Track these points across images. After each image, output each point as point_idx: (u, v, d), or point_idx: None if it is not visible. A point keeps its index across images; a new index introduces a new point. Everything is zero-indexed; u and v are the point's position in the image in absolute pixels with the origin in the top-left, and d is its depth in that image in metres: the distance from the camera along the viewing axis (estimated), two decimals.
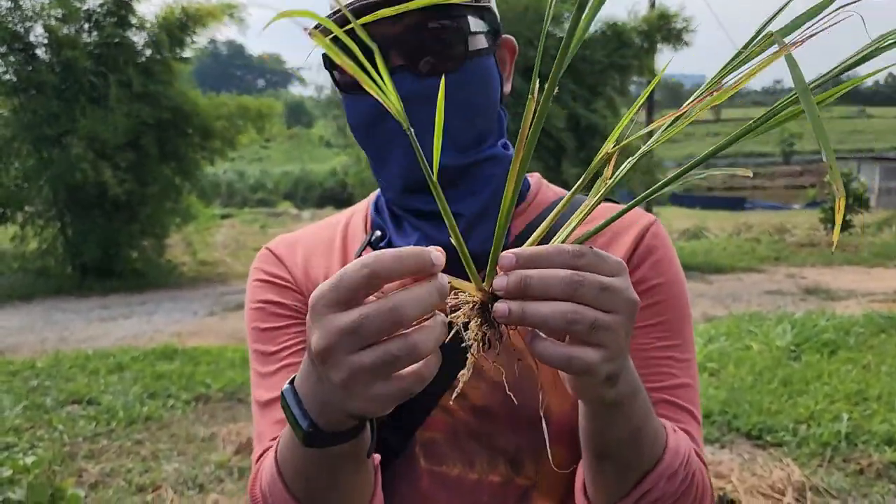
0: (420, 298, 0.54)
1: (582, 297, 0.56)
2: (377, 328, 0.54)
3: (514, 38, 0.99)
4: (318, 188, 38.95)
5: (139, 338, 8.08)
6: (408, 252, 0.55)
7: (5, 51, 11.85)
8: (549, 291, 0.56)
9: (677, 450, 0.77)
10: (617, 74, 13.44)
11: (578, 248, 0.58)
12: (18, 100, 11.93)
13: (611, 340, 0.58)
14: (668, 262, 0.94)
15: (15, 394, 5.50)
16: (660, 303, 0.92)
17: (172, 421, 4.96)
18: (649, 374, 0.89)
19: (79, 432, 4.70)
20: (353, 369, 0.55)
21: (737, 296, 10.06)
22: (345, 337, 0.54)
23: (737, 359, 5.90)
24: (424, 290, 0.55)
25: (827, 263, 13.28)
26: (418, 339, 0.55)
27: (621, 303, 0.58)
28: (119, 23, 12.24)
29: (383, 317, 0.54)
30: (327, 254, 1.01)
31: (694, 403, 0.91)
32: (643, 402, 0.71)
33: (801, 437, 4.27)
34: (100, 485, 3.91)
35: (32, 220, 12.65)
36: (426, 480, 0.93)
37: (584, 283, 0.56)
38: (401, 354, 0.54)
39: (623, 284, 0.59)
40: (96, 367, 6.27)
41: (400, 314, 0.54)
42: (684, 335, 0.93)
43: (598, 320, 0.57)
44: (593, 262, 0.58)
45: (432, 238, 0.90)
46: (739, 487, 3.58)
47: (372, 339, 0.54)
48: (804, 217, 21.90)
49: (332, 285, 0.55)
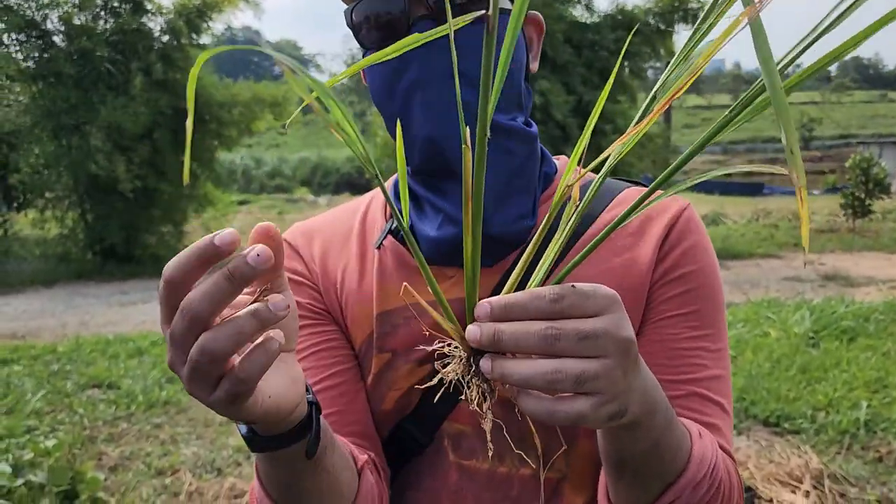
0: (206, 292, 0.51)
1: (562, 351, 0.54)
2: (179, 336, 0.52)
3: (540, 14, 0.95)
4: (334, 174, 39.03)
5: (158, 323, 8.14)
6: (189, 248, 0.52)
7: (23, 38, 11.93)
8: (524, 348, 0.54)
9: (702, 458, 0.74)
10: (627, 58, 13.28)
11: (557, 291, 0.55)
12: (37, 87, 12.02)
13: (603, 386, 0.55)
14: (700, 250, 0.90)
15: (36, 378, 5.58)
16: (691, 291, 0.88)
17: (191, 405, 5.01)
18: (678, 365, 0.86)
19: (99, 416, 4.77)
20: (186, 381, 0.54)
21: (755, 282, 9.98)
22: (171, 352, 0.54)
23: (755, 345, 5.86)
24: (210, 283, 0.51)
25: (846, 250, 13.13)
26: (205, 340, 0.52)
27: (609, 346, 0.55)
28: (135, 9, 12.28)
29: (178, 323, 0.52)
30: (345, 245, 0.98)
31: (725, 395, 0.88)
32: (663, 417, 0.68)
33: (819, 424, 4.25)
34: (119, 468, 3.97)
35: (53, 205, 12.78)
36: (455, 474, 0.91)
37: (561, 335, 0.54)
38: (198, 359, 0.52)
39: (611, 324, 0.55)
40: (116, 352, 6.35)
41: (192, 316, 0.51)
42: (716, 324, 0.89)
43: (584, 373, 0.54)
44: (575, 304, 0.55)
45: (454, 218, 0.86)
46: (756, 475, 3.56)
47: (186, 348, 0.53)
48: (823, 202, 21.65)
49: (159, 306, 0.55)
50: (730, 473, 0.79)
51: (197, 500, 3.55)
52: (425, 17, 0.82)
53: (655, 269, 0.88)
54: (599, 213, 0.91)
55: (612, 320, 0.56)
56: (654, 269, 0.89)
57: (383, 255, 0.94)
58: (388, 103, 0.89)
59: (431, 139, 0.85)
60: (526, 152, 0.89)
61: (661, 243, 0.89)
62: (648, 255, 0.89)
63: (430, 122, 0.84)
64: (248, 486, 3.62)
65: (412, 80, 0.84)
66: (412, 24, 0.83)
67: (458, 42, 0.77)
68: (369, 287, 0.93)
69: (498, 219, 0.86)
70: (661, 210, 0.92)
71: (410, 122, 0.86)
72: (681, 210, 0.92)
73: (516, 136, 0.88)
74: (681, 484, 0.73)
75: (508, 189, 0.87)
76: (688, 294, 0.88)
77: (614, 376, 0.55)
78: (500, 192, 0.86)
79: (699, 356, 0.87)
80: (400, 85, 0.85)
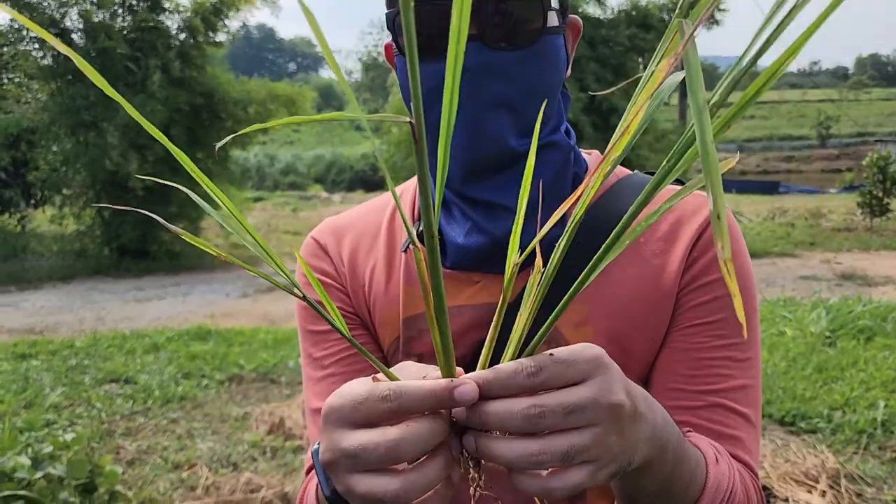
0: (422, 439, 0.53)
1: (548, 427, 0.52)
2: (376, 459, 0.53)
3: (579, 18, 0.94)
4: (348, 171, 39.09)
5: (173, 318, 8.21)
6: (434, 391, 0.53)
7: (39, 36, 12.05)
8: (511, 428, 0.53)
9: (718, 487, 0.73)
10: (641, 55, 13.20)
11: (535, 364, 0.53)
12: (56, 85, 12.13)
13: (597, 454, 0.54)
14: (734, 253, 0.87)
15: (55, 372, 5.64)
16: (719, 298, 0.85)
17: (206, 400, 5.05)
18: (703, 375, 0.84)
19: (116, 410, 4.81)
20: (350, 489, 0.55)
21: (771, 281, 9.91)
22: (345, 459, 0.54)
23: (770, 345, 5.83)
24: (427, 431, 0.53)
25: (864, 248, 13.01)
26: (408, 483, 0.53)
27: (599, 415, 0.53)
28: (152, 7, 12.36)
29: (381, 451, 0.53)
30: (373, 245, 0.97)
31: (752, 406, 0.85)
32: (673, 454, 0.66)
33: (835, 423, 4.22)
34: (136, 462, 4.01)
35: (70, 202, 12.90)
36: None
37: (546, 413, 0.52)
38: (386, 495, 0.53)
39: (598, 392, 0.53)
40: (133, 347, 6.41)
41: (398, 451, 0.53)
42: (746, 332, 0.86)
43: (572, 448, 0.52)
44: (555, 375, 0.53)
45: (483, 228, 0.86)
46: (772, 474, 3.55)
47: (371, 467, 0.54)
48: (840, 201, 21.46)
49: (352, 405, 0.54)
50: (748, 495, 0.77)
51: (213, 494, 3.58)
52: (473, 37, 0.81)
53: (683, 276, 0.86)
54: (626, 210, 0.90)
55: (599, 386, 0.54)
56: (682, 275, 0.86)
57: (409, 259, 0.93)
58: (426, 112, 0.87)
59: (467, 155, 0.85)
60: (561, 161, 0.89)
61: (691, 249, 0.87)
62: (677, 260, 0.87)
63: (468, 139, 0.84)
64: (263, 480, 3.65)
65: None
66: None
67: (498, 66, 0.81)
68: (396, 290, 0.93)
69: (528, 230, 0.83)
70: (693, 213, 0.89)
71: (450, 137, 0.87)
72: None
73: (556, 149, 0.89)
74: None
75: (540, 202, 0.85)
76: (716, 301, 0.85)
77: (608, 442, 0.54)
78: (532, 206, 0.83)
79: (725, 366, 0.84)
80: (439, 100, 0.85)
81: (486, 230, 0.86)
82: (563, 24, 0.87)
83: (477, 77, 0.81)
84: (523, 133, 0.84)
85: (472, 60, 0.79)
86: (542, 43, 0.82)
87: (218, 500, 3.51)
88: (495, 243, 0.85)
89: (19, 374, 5.62)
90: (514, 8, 0.80)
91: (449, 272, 0.89)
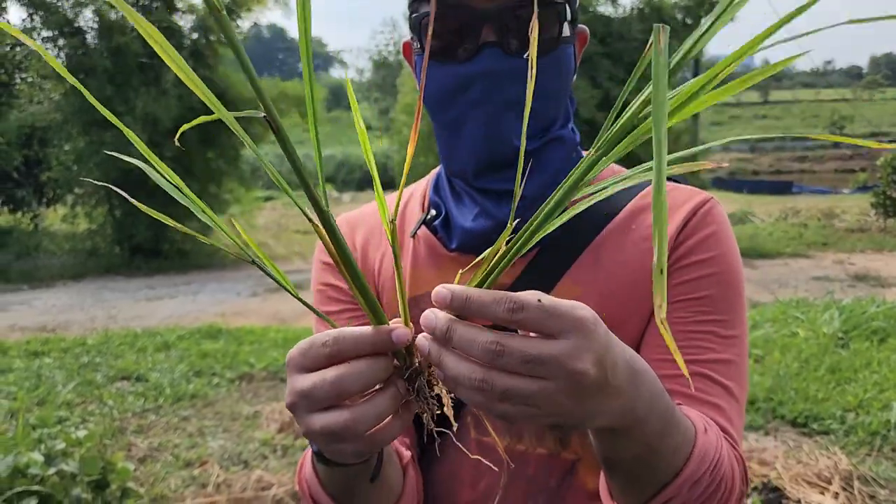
0: (361, 374, 0.57)
1: (502, 367, 0.54)
2: (324, 396, 0.58)
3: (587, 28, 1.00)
4: (358, 171, 39.13)
5: (184, 317, 8.25)
6: (368, 335, 0.58)
7: (56, 34, 12.14)
8: (469, 354, 0.55)
9: (704, 456, 0.73)
10: None
11: (520, 301, 0.53)
12: (69, 84, 12.21)
13: (538, 404, 0.54)
14: (717, 239, 0.91)
15: (67, 370, 5.68)
16: (704, 277, 0.89)
17: (217, 399, 5.07)
18: (684, 346, 0.86)
19: (128, 408, 4.84)
20: (308, 428, 0.60)
21: (783, 281, 9.85)
22: (300, 399, 0.59)
23: (783, 345, 5.79)
24: (367, 367, 0.58)
25: (877, 249, 12.91)
26: (357, 413, 0.58)
27: (555, 373, 0.53)
28: (166, 6, 12.43)
29: (327, 387, 0.58)
30: (383, 236, 1.04)
31: (734, 380, 0.87)
32: (656, 426, 0.66)
33: (848, 425, 4.19)
34: (148, 459, 4.03)
35: (82, 201, 12.98)
36: (475, 450, 0.95)
37: (505, 353, 0.53)
38: (338, 426, 0.58)
39: (564, 351, 0.53)
40: (144, 345, 6.44)
41: (341, 387, 0.57)
42: (731, 312, 0.89)
43: (513, 390, 0.53)
44: (533, 319, 0.53)
45: (490, 213, 0.92)
46: (784, 475, 3.53)
47: (321, 405, 0.59)
48: (853, 201, 21.30)
49: (301, 352, 0.60)
50: (733, 468, 0.78)
51: (225, 492, 3.59)
52: (493, 43, 0.86)
53: (670, 256, 0.90)
54: (625, 204, 0.95)
55: (569, 348, 0.54)
56: (668, 256, 0.90)
57: (417, 244, 1.00)
58: (442, 112, 0.94)
59: (481, 153, 0.91)
60: (565, 156, 0.95)
61: (679, 232, 0.91)
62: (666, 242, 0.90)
63: (484, 137, 0.90)
64: (274, 478, 3.66)
65: (473, 99, 0.89)
66: (480, 49, 0.87)
67: (515, 72, 0.86)
68: (403, 274, 0.98)
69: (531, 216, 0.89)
70: (683, 202, 0.93)
71: (463, 134, 0.93)
72: (702, 202, 0.93)
73: (562, 144, 0.95)
74: (678, 482, 0.72)
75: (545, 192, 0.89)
76: (701, 280, 0.89)
77: (555, 400, 0.54)
78: (536, 196, 0.90)
79: (707, 339, 0.87)
80: (460, 99, 0.90)
81: (492, 214, 0.92)
82: (574, 35, 0.94)
83: (495, 81, 0.87)
84: (531, 135, 0.92)
85: (492, 66, 0.86)
86: (558, 52, 0.89)
87: (229, 498, 3.53)
88: (500, 226, 0.89)
89: (32, 371, 5.66)
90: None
91: (454, 254, 0.95)
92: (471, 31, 0.87)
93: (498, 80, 0.87)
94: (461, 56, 0.88)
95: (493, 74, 0.86)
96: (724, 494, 0.76)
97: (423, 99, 0.94)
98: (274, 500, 3.48)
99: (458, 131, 0.93)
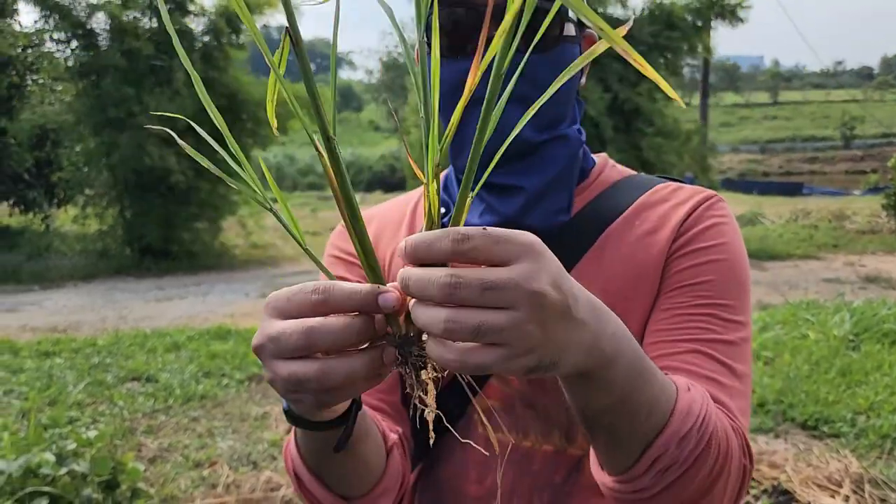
0: (333, 331, 0.56)
1: (463, 301, 0.52)
2: (292, 344, 0.56)
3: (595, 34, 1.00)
4: (367, 172, 39.18)
5: (194, 318, 8.28)
6: (359, 291, 0.56)
7: (69, 36, 12.22)
8: (428, 296, 0.53)
9: (688, 411, 0.71)
10: (664, 55, 13.07)
11: (465, 231, 0.53)
12: (81, 85, 12.29)
13: (510, 338, 0.53)
14: (719, 230, 0.92)
15: (78, 370, 5.71)
16: (705, 264, 0.89)
17: (227, 399, 5.09)
18: (683, 327, 0.86)
19: (138, 408, 4.86)
20: (273, 373, 0.59)
21: (793, 283, 9.80)
22: (269, 342, 0.58)
23: (793, 348, 5.77)
24: (340, 325, 0.56)
25: (889, 251, 12.83)
26: (327, 366, 0.57)
27: (518, 298, 0.52)
28: (177, 8, 12.50)
29: (297, 336, 0.56)
30: (396, 232, 1.06)
31: (736, 360, 0.85)
32: (627, 368, 0.66)
33: (859, 428, 4.16)
34: (158, 459, 4.05)
35: (93, 202, 13.05)
36: (482, 446, 0.96)
37: (461, 285, 0.52)
38: (306, 377, 0.57)
39: (520, 274, 0.53)
40: (154, 346, 6.47)
41: (312, 339, 0.56)
42: (734, 298, 0.88)
43: (483, 325, 0.52)
44: (480, 247, 0.53)
45: (495, 209, 0.93)
46: (794, 478, 3.51)
47: (288, 354, 0.57)
48: (864, 203, 21.16)
49: (286, 295, 0.59)
50: (727, 433, 0.76)
51: (234, 493, 3.60)
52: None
53: (672, 245, 0.91)
54: (632, 201, 0.97)
55: (524, 270, 0.53)
56: (671, 245, 0.91)
57: None
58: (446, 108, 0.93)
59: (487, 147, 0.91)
60: (570, 155, 0.96)
61: (681, 224, 0.93)
62: (668, 232, 0.92)
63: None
64: (283, 479, 3.67)
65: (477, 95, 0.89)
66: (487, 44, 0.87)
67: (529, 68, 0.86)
68: None
69: (535, 212, 0.92)
70: (688, 198, 0.95)
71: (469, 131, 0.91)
72: (706, 197, 0.95)
73: (567, 142, 0.96)
74: (663, 438, 0.70)
75: (549, 188, 0.93)
76: (702, 266, 0.89)
77: (525, 330, 0.53)
78: (541, 190, 0.92)
79: (707, 321, 0.86)
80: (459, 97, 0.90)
81: (498, 210, 0.93)
82: (581, 37, 0.95)
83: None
84: (538, 128, 0.92)
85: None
86: (560, 49, 0.91)
87: (238, 499, 3.54)
88: (503, 224, 0.90)
89: (43, 371, 5.69)
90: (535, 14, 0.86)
91: None
92: (474, 27, 0.88)
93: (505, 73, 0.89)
94: (464, 53, 0.91)
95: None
96: (720, 457, 0.73)
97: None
98: (283, 500, 3.49)
99: (466, 127, 0.93)
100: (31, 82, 15.77)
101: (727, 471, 0.75)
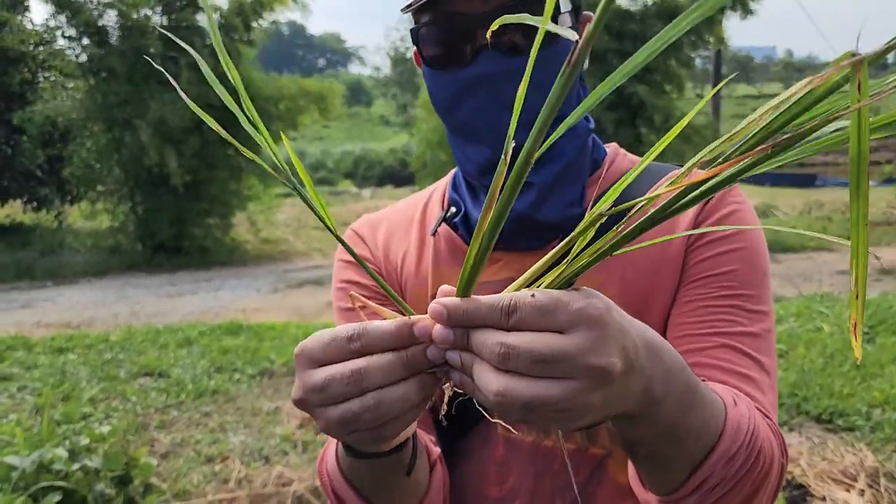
0: (384, 369, 0.55)
1: (516, 370, 0.49)
2: (342, 388, 0.55)
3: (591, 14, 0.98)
4: (378, 167, 39.18)
5: (206, 313, 8.31)
6: (392, 329, 0.55)
7: (79, 34, 12.27)
8: (485, 359, 0.51)
9: (737, 430, 0.69)
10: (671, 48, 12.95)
11: (511, 302, 0.50)
12: (91, 82, 12.34)
13: (566, 408, 0.50)
14: (737, 217, 0.91)
15: (91, 366, 5.74)
16: (725, 253, 0.88)
17: (238, 394, 5.10)
18: (710, 320, 0.85)
19: (150, 404, 4.88)
20: (325, 420, 0.58)
21: (807, 276, 9.73)
22: (314, 393, 0.57)
23: (807, 340, 5.72)
24: (389, 362, 0.55)
25: None
26: (381, 400, 0.55)
27: (574, 370, 0.49)
28: (188, 5, 12.52)
29: (346, 380, 0.55)
30: (407, 232, 1.05)
31: (763, 353, 0.84)
32: (677, 403, 0.62)
33: (874, 421, 4.12)
34: (170, 454, 4.06)
35: (104, 198, 13.11)
36: (502, 447, 0.96)
37: (511, 356, 0.49)
38: (360, 414, 0.55)
39: (578, 346, 0.49)
40: (166, 342, 6.49)
41: (362, 381, 0.55)
42: (756, 288, 0.87)
43: (536, 399, 0.49)
44: (528, 320, 0.50)
45: None
46: (809, 472, 3.48)
47: (338, 399, 0.56)
48: (879, 194, 20.97)
49: (321, 345, 0.57)
50: (770, 441, 0.75)
51: (246, 488, 3.61)
52: (488, 46, 0.87)
53: (691, 235, 0.90)
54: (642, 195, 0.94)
55: (582, 342, 0.49)
56: (689, 235, 0.90)
57: (438, 242, 1.01)
58: (449, 116, 0.95)
59: (490, 154, 0.92)
60: (579, 146, 0.94)
61: (697, 215, 0.91)
62: (686, 223, 0.91)
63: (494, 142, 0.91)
64: (294, 474, 3.67)
65: (475, 102, 0.90)
66: (477, 53, 0.88)
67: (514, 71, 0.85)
68: (426, 271, 1.01)
69: (548, 206, 0.90)
70: None
71: (473, 137, 0.94)
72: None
73: (573, 134, 0.93)
74: (712, 460, 0.68)
75: (559, 181, 0.91)
76: (723, 255, 0.88)
77: (583, 400, 0.50)
78: (551, 184, 0.91)
79: (733, 314, 0.85)
80: (464, 104, 0.91)
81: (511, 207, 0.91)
82: (578, 24, 0.92)
83: (496, 83, 0.88)
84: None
85: (490, 68, 0.87)
86: (555, 47, 0.88)
87: (250, 494, 3.54)
88: (517, 219, 0.89)
89: (56, 367, 5.72)
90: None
91: None
92: (467, 36, 0.87)
93: (497, 81, 0.88)
94: (460, 62, 0.89)
95: (492, 76, 0.87)
96: (764, 468, 0.72)
97: (433, 105, 0.97)
98: (294, 495, 3.50)
99: (466, 135, 0.94)
100: (43, 79, 15.85)
101: (770, 476, 0.74)
